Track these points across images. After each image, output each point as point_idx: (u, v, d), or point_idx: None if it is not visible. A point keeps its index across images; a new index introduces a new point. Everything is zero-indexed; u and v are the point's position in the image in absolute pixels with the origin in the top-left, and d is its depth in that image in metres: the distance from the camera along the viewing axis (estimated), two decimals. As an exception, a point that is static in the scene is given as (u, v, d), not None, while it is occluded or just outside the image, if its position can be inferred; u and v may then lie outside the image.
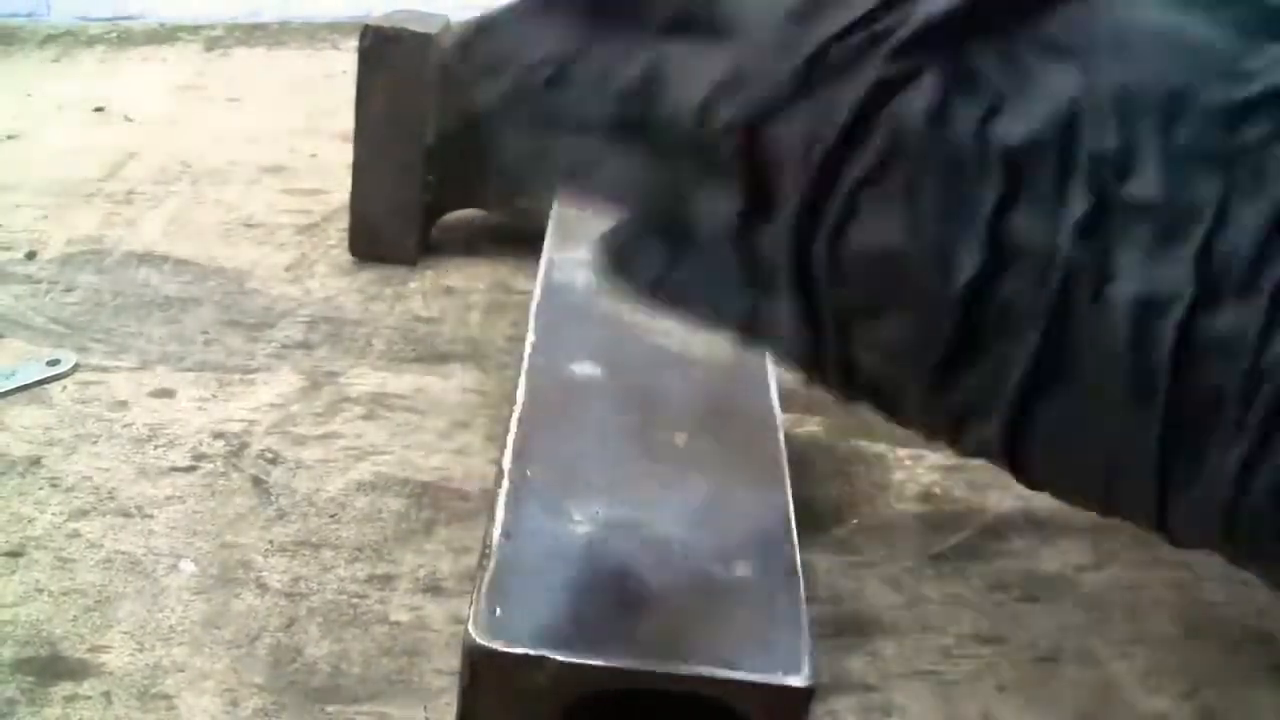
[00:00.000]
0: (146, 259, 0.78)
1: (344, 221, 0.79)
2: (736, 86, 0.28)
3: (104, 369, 0.67)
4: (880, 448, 0.63)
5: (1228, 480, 0.24)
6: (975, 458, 0.30)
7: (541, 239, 0.59)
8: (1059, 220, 0.25)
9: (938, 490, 0.60)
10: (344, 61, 1.10)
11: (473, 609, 0.38)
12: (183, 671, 0.48)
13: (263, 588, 0.52)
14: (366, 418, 0.64)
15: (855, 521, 0.58)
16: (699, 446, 0.46)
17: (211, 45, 1.18)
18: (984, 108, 0.26)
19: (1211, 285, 0.24)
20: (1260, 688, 0.50)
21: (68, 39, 1.18)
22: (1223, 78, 0.25)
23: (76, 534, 0.55)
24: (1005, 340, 0.26)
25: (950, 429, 0.29)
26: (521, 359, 0.50)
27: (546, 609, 0.38)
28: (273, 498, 0.58)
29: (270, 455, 0.60)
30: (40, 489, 0.57)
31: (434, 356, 0.70)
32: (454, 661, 0.39)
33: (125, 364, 0.67)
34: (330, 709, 0.47)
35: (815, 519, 0.57)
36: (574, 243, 0.58)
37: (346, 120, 0.77)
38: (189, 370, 0.67)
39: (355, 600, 0.52)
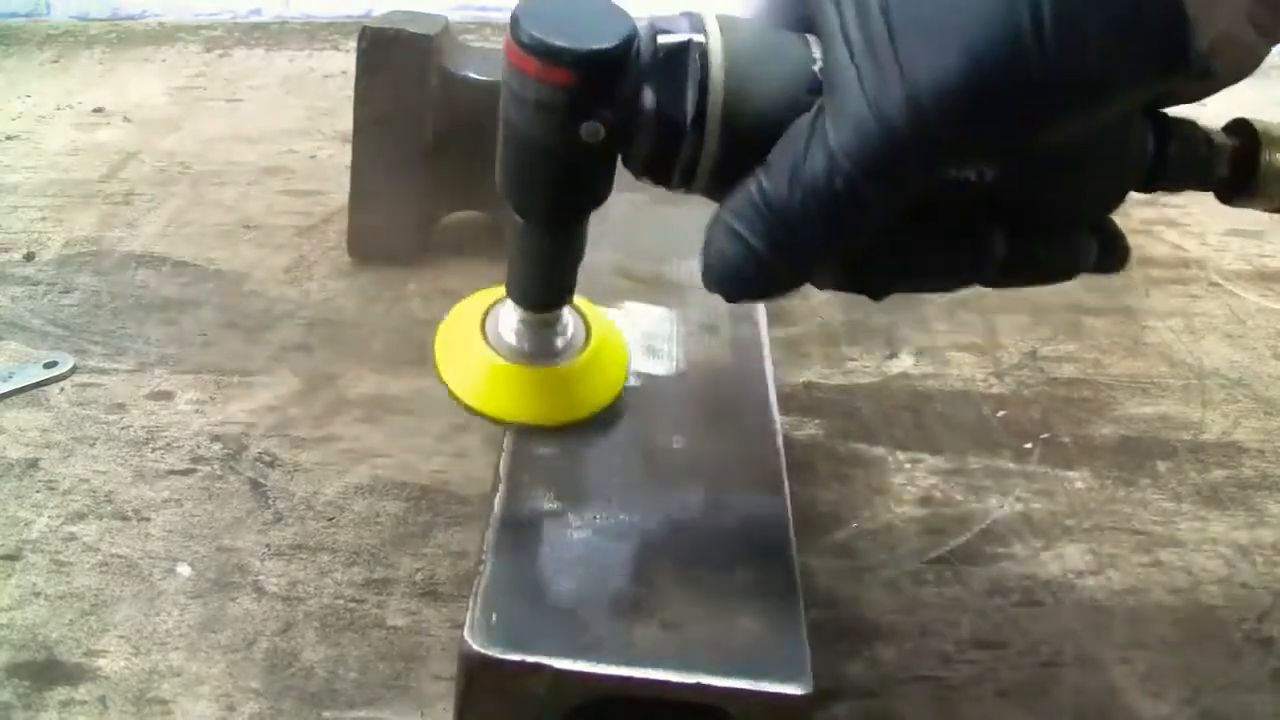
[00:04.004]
0: (145, 260, 0.78)
1: (343, 223, 0.79)
2: None
3: (102, 371, 0.67)
4: (879, 451, 0.63)
5: None
6: None
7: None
8: None
9: (937, 494, 0.60)
10: (343, 62, 1.10)
11: (469, 615, 0.38)
12: (179, 676, 0.48)
13: (259, 592, 0.52)
14: (365, 420, 0.64)
15: (854, 525, 0.58)
16: (697, 450, 0.46)
17: (211, 45, 1.18)
18: None
19: None
20: (1261, 693, 0.50)
21: (67, 39, 1.18)
22: None
23: (73, 537, 0.55)
24: None
25: None
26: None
27: (543, 615, 0.38)
28: (270, 501, 0.57)
29: (268, 458, 0.60)
30: (37, 492, 0.57)
31: (433, 359, 0.69)
32: (451, 667, 0.39)
33: (123, 366, 0.67)
34: (327, 714, 0.46)
35: (814, 523, 0.57)
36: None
37: (346, 121, 0.76)
38: (187, 372, 0.67)
39: (352, 605, 0.52)
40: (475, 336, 0.44)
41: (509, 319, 0.43)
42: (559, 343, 0.44)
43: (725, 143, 0.35)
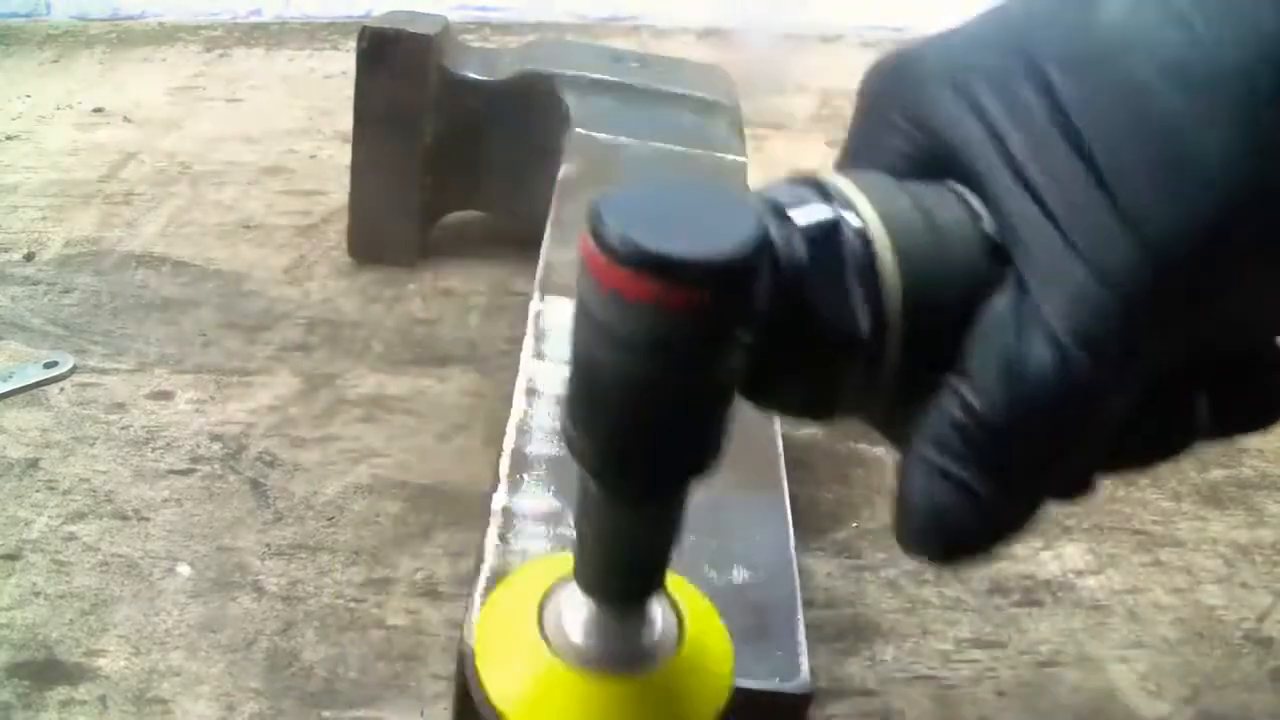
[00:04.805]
0: (145, 260, 0.78)
1: (343, 223, 0.79)
2: None
3: (102, 371, 0.67)
4: (879, 451, 0.63)
5: None
6: None
7: (540, 241, 0.58)
8: None
9: (937, 493, 0.60)
10: (343, 62, 1.10)
11: (468, 614, 0.37)
12: (179, 676, 0.48)
13: (259, 591, 0.52)
14: (364, 420, 0.64)
15: (854, 525, 0.58)
16: (697, 450, 0.46)
17: (211, 46, 1.18)
18: None
19: None
20: (1260, 692, 0.50)
21: (67, 39, 1.18)
22: None
23: (73, 537, 0.55)
24: None
25: None
26: (519, 361, 0.50)
27: (543, 615, 0.38)
28: (270, 500, 0.57)
29: (268, 458, 0.60)
30: (37, 491, 0.57)
31: (432, 359, 0.69)
32: (451, 666, 0.39)
33: (123, 366, 0.67)
34: (327, 714, 0.46)
35: (814, 522, 0.57)
36: (572, 245, 0.58)
37: (346, 121, 0.76)
38: (187, 372, 0.67)
39: (352, 604, 0.52)
40: (529, 627, 0.32)
41: (575, 607, 0.31)
42: (643, 641, 0.31)
43: (909, 351, 0.26)
